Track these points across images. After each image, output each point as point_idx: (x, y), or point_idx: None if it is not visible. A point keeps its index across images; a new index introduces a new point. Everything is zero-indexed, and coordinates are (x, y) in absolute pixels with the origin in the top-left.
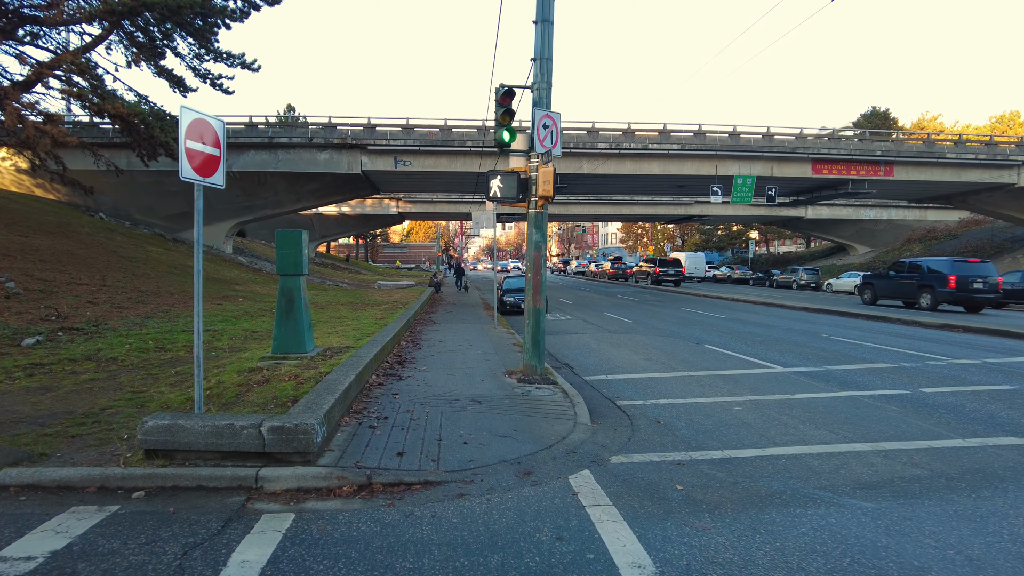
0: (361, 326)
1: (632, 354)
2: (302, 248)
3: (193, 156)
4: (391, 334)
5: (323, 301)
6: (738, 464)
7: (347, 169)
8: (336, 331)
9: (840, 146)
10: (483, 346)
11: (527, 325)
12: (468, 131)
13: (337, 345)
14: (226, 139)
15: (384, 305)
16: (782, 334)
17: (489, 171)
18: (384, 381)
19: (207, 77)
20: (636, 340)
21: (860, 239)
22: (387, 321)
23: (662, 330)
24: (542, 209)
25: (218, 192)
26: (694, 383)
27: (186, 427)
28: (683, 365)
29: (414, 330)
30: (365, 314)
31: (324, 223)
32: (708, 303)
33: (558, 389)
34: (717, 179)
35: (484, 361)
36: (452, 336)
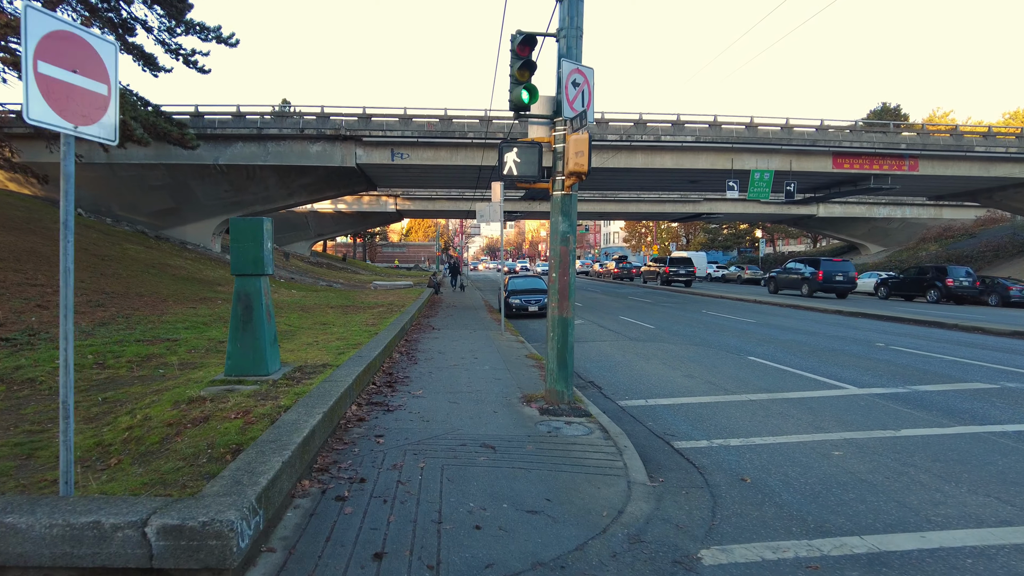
0: (348, 334)
1: (668, 368)
2: (263, 241)
3: (54, 88)
4: (381, 345)
5: (311, 304)
6: (899, 565)
7: (341, 162)
8: (317, 341)
9: (863, 139)
10: (491, 359)
11: (551, 339)
12: (470, 122)
13: (313, 362)
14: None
15: (378, 308)
16: (830, 342)
17: (502, 141)
18: (367, 413)
19: (179, 53)
20: (666, 350)
21: (872, 238)
22: (379, 328)
23: (691, 337)
24: (571, 190)
25: (205, 187)
26: (759, 411)
27: (21, 529)
28: (734, 384)
29: (410, 338)
30: (355, 319)
31: (319, 221)
32: (729, 305)
33: (594, 424)
34: (733, 173)
35: (494, 381)
36: (454, 345)
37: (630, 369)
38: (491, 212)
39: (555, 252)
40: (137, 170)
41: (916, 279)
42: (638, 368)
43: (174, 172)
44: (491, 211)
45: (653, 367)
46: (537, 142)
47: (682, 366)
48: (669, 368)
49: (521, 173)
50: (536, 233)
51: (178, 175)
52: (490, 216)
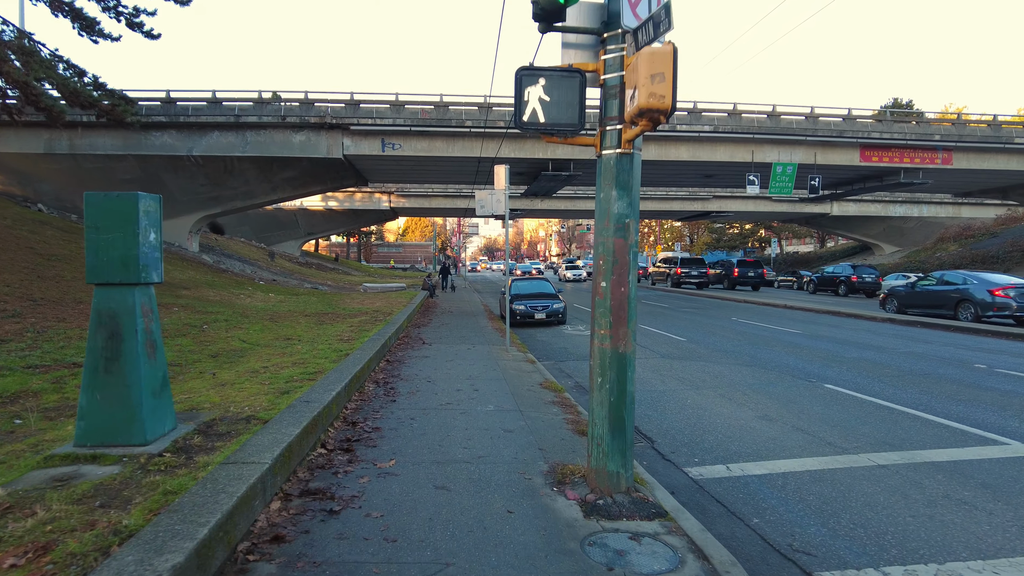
0: (311, 356)
1: (731, 404)
2: (136, 228)
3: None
4: (348, 375)
5: (284, 311)
6: None
7: (326, 153)
8: (267, 367)
9: (893, 130)
10: (496, 392)
11: (599, 387)
12: (468, 109)
13: (239, 408)
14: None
15: (360, 316)
16: (913, 363)
17: (521, 69)
18: (294, 521)
19: (120, 12)
20: (714, 374)
21: (888, 238)
22: (353, 345)
23: (736, 354)
24: (631, 147)
25: (180, 181)
26: (912, 491)
27: None
28: (838, 433)
29: (393, 357)
30: (329, 332)
31: (309, 219)
32: (758, 312)
33: (680, 540)
34: (753, 167)
35: (503, 435)
36: (447, 369)
37: (681, 405)
38: (493, 202)
39: (604, 248)
40: (104, 161)
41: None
42: (691, 403)
43: (145, 164)
44: (493, 201)
45: (710, 401)
46: (578, 69)
47: (748, 400)
48: (732, 403)
49: (551, 120)
50: (535, 233)
51: (149, 168)
52: (491, 207)
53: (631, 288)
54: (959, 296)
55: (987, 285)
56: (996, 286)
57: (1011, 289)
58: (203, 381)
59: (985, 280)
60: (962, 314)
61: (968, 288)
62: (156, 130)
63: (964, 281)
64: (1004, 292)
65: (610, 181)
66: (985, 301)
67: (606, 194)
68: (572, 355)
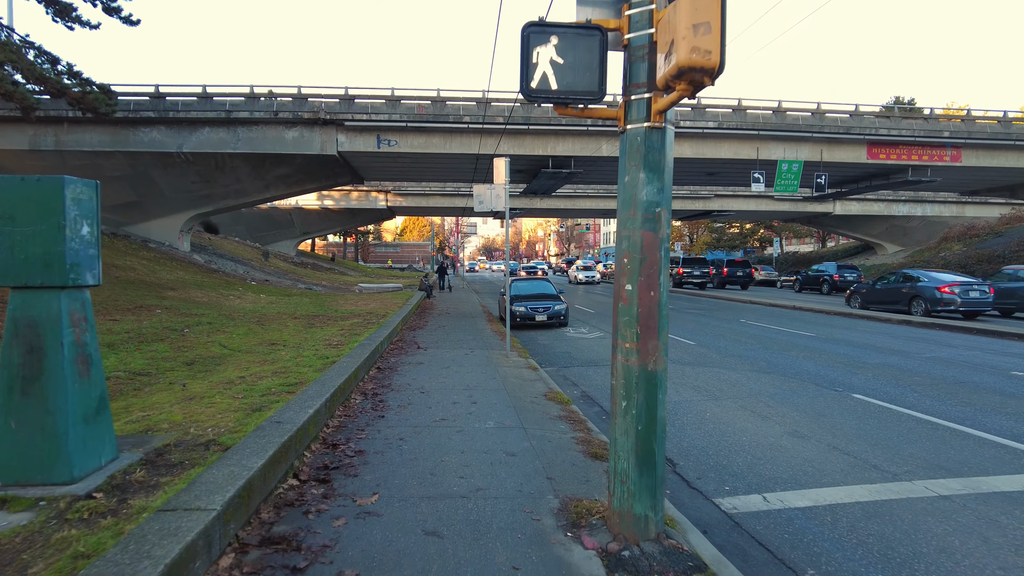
0: (294, 364)
1: (756, 418)
2: (62, 220)
3: None
4: (332, 386)
5: (273, 313)
6: None
7: (320, 150)
8: (244, 377)
9: (901, 126)
10: (496, 405)
11: (622, 412)
12: (466, 104)
13: (202, 429)
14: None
15: (353, 319)
16: (943, 369)
17: (528, 25)
18: (254, 575)
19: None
20: (732, 382)
21: (890, 237)
22: (342, 351)
23: (751, 359)
24: (662, 120)
25: (170, 179)
26: (989, 530)
27: None
28: (881, 454)
29: (385, 363)
30: (317, 336)
31: (305, 218)
32: (764, 313)
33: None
34: (758, 164)
35: (505, 460)
36: (443, 377)
37: (701, 419)
38: (492, 197)
39: (629, 243)
40: (91, 158)
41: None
42: (712, 417)
43: (134, 161)
44: (492, 196)
45: (733, 414)
46: (597, 26)
47: (773, 413)
48: (757, 417)
49: (566, 86)
50: (533, 233)
51: (138, 165)
52: (491, 203)
53: (662, 292)
54: (912, 293)
55: (936, 283)
56: (944, 284)
57: (956, 287)
58: (170, 394)
59: (935, 279)
60: (915, 309)
61: (920, 286)
62: (145, 126)
63: (917, 279)
64: (950, 289)
65: (637, 161)
66: (934, 297)
67: (632, 177)
68: (576, 360)
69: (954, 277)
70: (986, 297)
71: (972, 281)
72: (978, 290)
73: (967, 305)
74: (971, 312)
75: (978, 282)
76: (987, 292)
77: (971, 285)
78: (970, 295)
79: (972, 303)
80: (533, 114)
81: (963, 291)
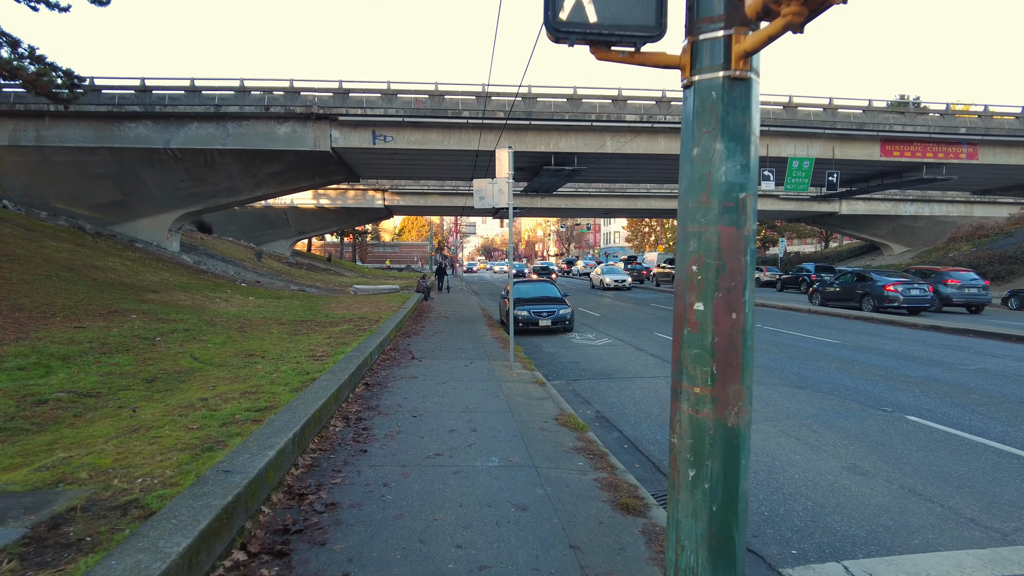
0: (269, 382)
1: (804, 448)
2: None
3: None
4: (305, 415)
5: (259, 318)
6: None
7: (313, 146)
8: (205, 401)
9: (916, 122)
10: (501, 433)
11: (689, 488)
12: (465, 98)
13: (126, 483)
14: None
15: (343, 324)
16: (998, 385)
17: None
18: None
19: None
20: (763, 399)
21: (897, 237)
22: (325, 365)
23: (778, 371)
24: (746, 71)
25: (157, 176)
26: None
27: None
28: (973, 502)
29: (374, 378)
30: (302, 345)
31: (300, 217)
32: (780, 317)
33: None
34: (768, 161)
35: (513, 518)
36: (439, 397)
37: None
38: (494, 192)
39: (700, 243)
40: (74, 154)
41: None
42: (753, 446)
43: (119, 158)
44: (494, 191)
45: (775, 443)
46: None
47: (823, 441)
48: (804, 446)
49: (610, 17)
50: (532, 233)
51: (124, 161)
52: (492, 198)
53: (747, 315)
54: (863, 291)
55: (883, 282)
56: (889, 283)
57: (899, 285)
58: (114, 422)
59: (882, 278)
60: (865, 305)
61: (869, 285)
62: (130, 121)
63: (868, 279)
64: (894, 288)
65: (711, 126)
66: (881, 295)
67: (704, 149)
68: (585, 371)
69: (898, 277)
70: (926, 295)
71: (913, 281)
72: (919, 288)
73: (909, 302)
74: (914, 308)
75: (918, 282)
76: (927, 291)
77: (912, 284)
78: (911, 293)
79: (914, 300)
80: (535, 109)
81: (905, 289)
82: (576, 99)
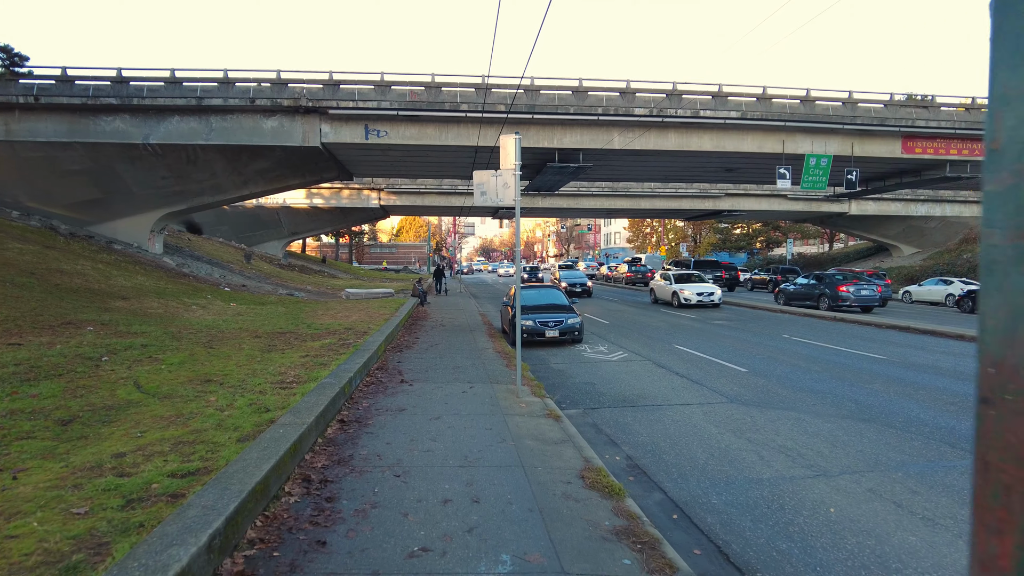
0: (214, 426)
1: (911, 519)
2: None
3: None
4: (243, 491)
5: (233, 329)
6: None
7: (302, 141)
8: (121, 458)
9: (940, 116)
10: (510, 506)
11: None
12: (463, 91)
13: None
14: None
15: (326, 337)
16: None
17: None
18: None
19: None
20: (827, 437)
21: (907, 238)
22: (291, 399)
23: (830, 396)
24: None
25: (137, 173)
26: None
27: None
28: None
29: (354, 412)
30: (270, 368)
31: (293, 217)
32: (805, 324)
33: None
34: (784, 158)
35: None
36: (431, 439)
37: (825, 521)
38: (498, 186)
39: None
40: (46, 150)
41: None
42: (841, 516)
43: (95, 153)
44: (498, 185)
45: (874, 513)
46: None
47: (936, 509)
48: (916, 518)
49: None
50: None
51: (101, 157)
52: (495, 193)
53: None
54: (820, 292)
55: (836, 284)
56: (841, 284)
57: (851, 286)
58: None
59: (836, 281)
60: (821, 304)
61: (825, 286)
62: (106, 114)
63: (823, 281)
64: (846, 289)
65: None
66: (836, 295)
67: None
68: (605, 396)
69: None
70: (874, 294)
71: (863, 282)
72: (868, 289)
73: (859, 301)
74: (865, 306)
75: (868, 283)
76: (875, 291)
77: (862, 285)
78: (861, 293)
79: (863, 299)
80: (538, 102)
81: (856, 290)
82: (582, 91)
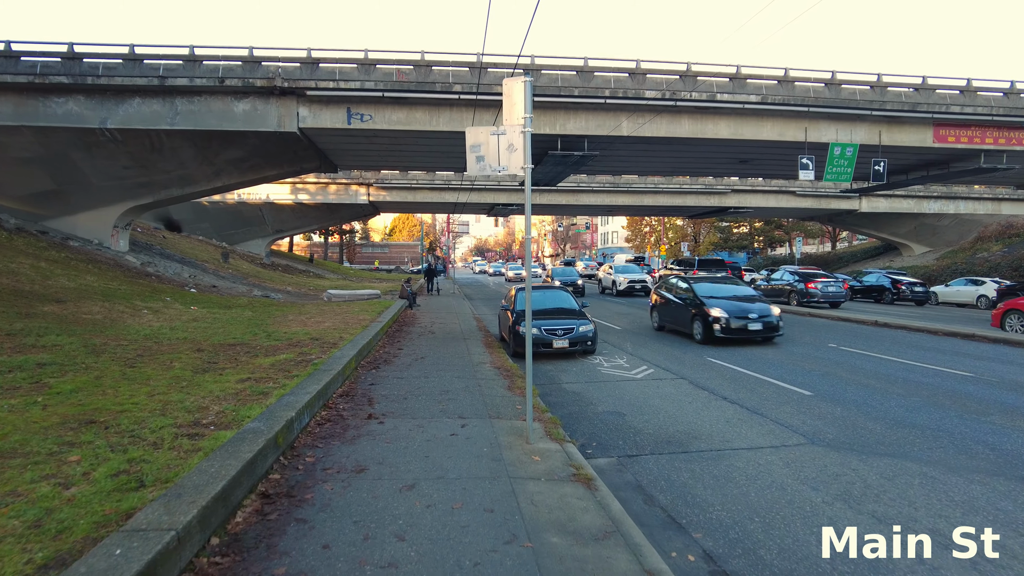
0: (30, 524)
1: None
2: None
3: None
4: None
5: (176, 340)
6: None
7: (277, 126)
8: None
9: (976, 102)
10: None
11: None
12: (456, 70)
13: None
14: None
15: (286, 351)
16: None
17: None
18: None
19: None
20: (975, 505)
21: (918, 237)
22: (188, 462)
23: (942, 434)
24: None
25: (96, 162)
26: None
27: None
28: None
29: (289, 474)
30: (190, 399)
31: (277, 214)
32: (844, 331)
33: None
34: (807, 147)
35: None
36: (395, 532)
37: None
38: (499, 149)
39: None
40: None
41: None
42: None
43: (47, 139)
44: (500, 147)
45: None
46: None
47: None
48: None
49: None
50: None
51: (54, 144)
52: (497, 157)
53: None
54: (791, 289)
55: (805, 281)
56: (810, 281)
57: (819, 282)
58: None
59: (805, 278)
60: (791, 300)
61: (795, 283)
62: (58, 95)
63: (793, 279)
64: (814, 286)
65: None
66: (805, 291)
67: None
68: (643, 435)
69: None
70: (840, 291)
71: (829, 279)
72: (834, 286)
73: (826, 297)
74: (833, 303)
75: (834, 280)
76: (841, 288)
77: (829, 283)
78: (828, 290)
79: (831, 296)
80: (539, 83)
81: (824, 287)
82: (587, 72)
